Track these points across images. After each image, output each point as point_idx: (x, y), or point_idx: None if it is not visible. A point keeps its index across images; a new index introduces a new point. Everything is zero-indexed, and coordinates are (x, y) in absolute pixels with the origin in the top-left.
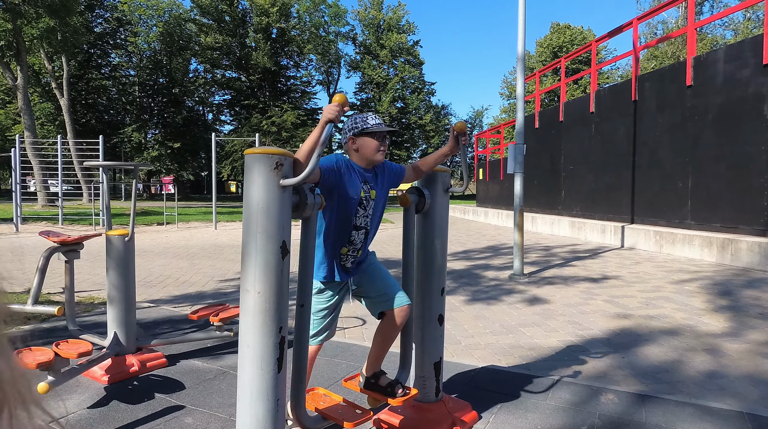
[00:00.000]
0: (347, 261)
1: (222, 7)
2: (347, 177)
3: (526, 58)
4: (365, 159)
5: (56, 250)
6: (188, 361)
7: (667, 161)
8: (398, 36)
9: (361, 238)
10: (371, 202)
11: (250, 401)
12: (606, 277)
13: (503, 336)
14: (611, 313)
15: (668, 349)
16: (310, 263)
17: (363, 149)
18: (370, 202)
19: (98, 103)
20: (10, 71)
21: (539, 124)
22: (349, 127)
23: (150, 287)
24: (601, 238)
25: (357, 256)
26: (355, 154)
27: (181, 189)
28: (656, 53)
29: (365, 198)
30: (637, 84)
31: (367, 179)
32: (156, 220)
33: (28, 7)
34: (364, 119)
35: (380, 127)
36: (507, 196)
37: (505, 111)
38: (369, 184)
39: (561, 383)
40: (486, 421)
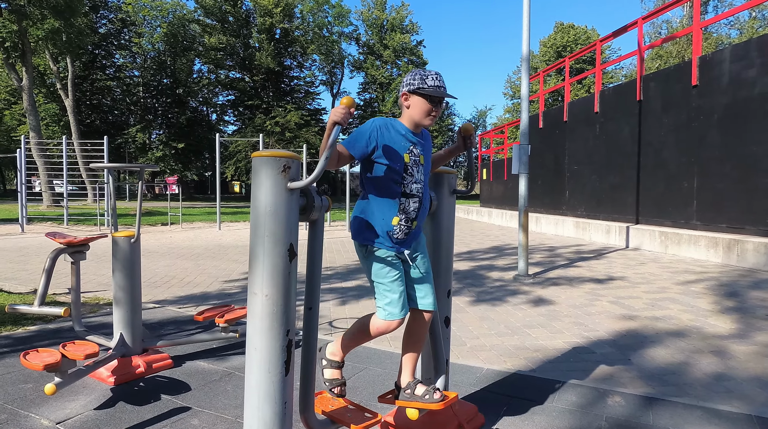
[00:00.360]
0: (400, 232)
1: (226, 8)
2: (388, 141)
3: (529, 62)
4: (413, 121)
5: (62, 252)
6: (194, 362)
7: (672, 161)
8: (401, 36)
9: (415, 206)
10: (420, 168)
11: (258, 404)
12: (611, 277)
13: (508, 337)
14: (617, 315)
15: (675, 351)
16: (318, 266)
17: (413, 109)
18: (419, 167)
19: (103, 103)
20: (15, 72)
21: (543, 124)
22: (406, 81)
23: (155, 288)
24: (605, 239)
25: (412, 227)
26: (405, 113)
27: (185, 189)
28: (661, 53)
29: (413, 162)
30: (641, 84)
31: (415, 143)
32: (160, 220)
33: (34, 9)
34: (423, 77)
35: (437, 90)
36: (511, 197)
37: (508, 111)
38: (418, 148)
39: (567, 385)
40: (492, 424)
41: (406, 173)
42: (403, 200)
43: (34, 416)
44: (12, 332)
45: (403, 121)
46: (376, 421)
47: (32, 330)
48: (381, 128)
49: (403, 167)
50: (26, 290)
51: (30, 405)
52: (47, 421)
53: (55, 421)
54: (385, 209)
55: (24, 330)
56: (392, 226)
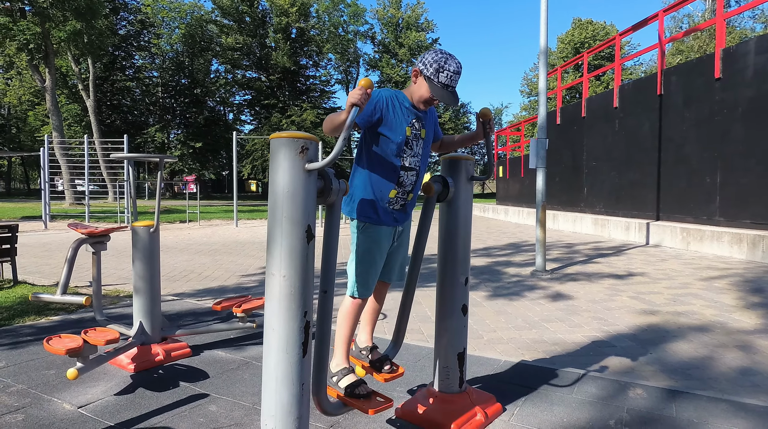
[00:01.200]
0: (396, 204)
1: (242, 8)
2: (391, 113)
3: (547, 55)
4: (412, 97)
5: (84, 242)
6: (212, 351)
7: (694, 156)
8: (417, 34)
9: (411, 179)
10: (420, 142)
11: (275, 386)
12: (631, 273)
13: (526, 331)
14: (637, 310)
15: (698, 346)
16: (334, 249)
17: (417, 90)
18: (419, 142)
19: (123, 104)
20: (39, 74)
21: (561, 121)
22: (426, 59)
23: (174, 281)
24: (625, 236)
25: (407, 199)
26: (411, 86)
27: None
28: (682, 48)
29: (414, 136)
30: (662, 78)
31: (419, 117)
32: (179, 218)
33: (56, 11)
34: (440, 69)
35: (440, 92)
36: (527, 194)
37: (525, 108)
38: (421, 122)
39: (587, 377)
40: (510, 414)
41: (406, 146)
42: (402, 173)
43: (57, 400)
44: (36, 322)
45: (407, 94)
46: (388, 405)
47: (55, 320)
48: (387, 100)
49: (404, 141)
50: (49, 283)
51: (53, 390)
52: (69, 405)
53: (77, 406)
54: (383, 181)
55: (47, 320)
56: (390, 199)
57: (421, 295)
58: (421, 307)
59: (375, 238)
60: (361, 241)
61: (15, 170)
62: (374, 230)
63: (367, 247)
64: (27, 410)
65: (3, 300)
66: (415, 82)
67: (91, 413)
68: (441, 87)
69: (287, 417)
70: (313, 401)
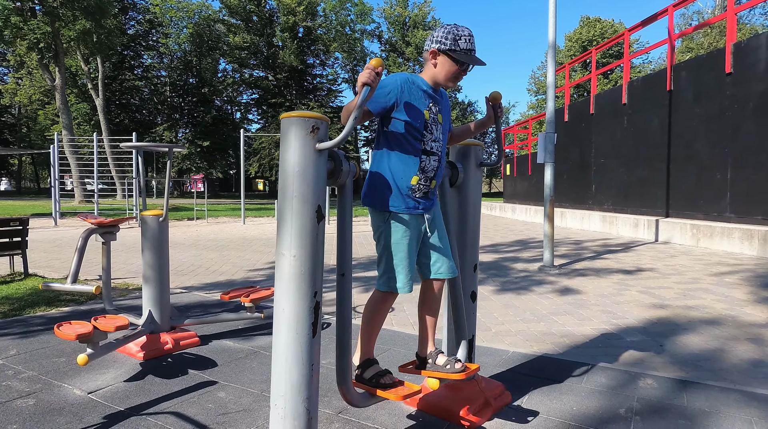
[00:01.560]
0: (419, 191)
1: (250, 7)
2: (408, 97)
3: (555, 49)
4: (435, 80)
5: (94, 232)
6: (220, 341)
7: (704, 153)
8: (424, 33)
9: (433, 165)
10: (439, 126)
11: (285, 366)
12: (640, 269)
13: (534, 324)
14: (647, 303)
15: (709, 338)
16: (348, 231)
17: (440, 69)
18: (438, 126)
19: (131, 103)
20: (49, 73)
21: (569, 118)
22: (437, 37)
23: (182, 275)
24: (633, 233)
25: (431, 186)
26: (429, 70)
27: (210, 187)
28: (691, 45)
29: (432, 120)
30: (672, 73)
31: (435, 100)
32: (186, 215)
33: (66, 10)
34: (456, 37)
35: (468, 56)
36: (535, 192)
37: (532, 107)
38: (437, 106)
39: (596, 368)
40: (519, 402)
41: (426, 130)
42: (424, 158)
43: (67, 386)
44: (46, 312)
45: (424, 77)
46: (416, 391)
47: (65, 310)
48: (403, 85)
49: (423, 124)
50: (59, 276)
51: (63, 376)
52: (79, 390)
53: (87, 391)
54: (404, 167)
55: (57, 310)
56: (412, 185)
57: None
58: None
59: (402, 227)
60: (389, 232)
61: (25, 169)
62: (400, 219)
63: (396, 238)
64: (38, 395)
65: (14, 291)
66: (435, 63)
67: (101, 398)
68: (466, 52)
69: (297, 397)
70: (339, 392)
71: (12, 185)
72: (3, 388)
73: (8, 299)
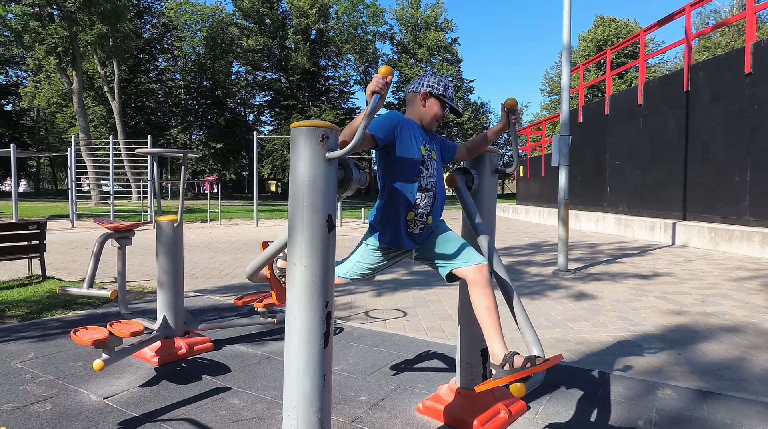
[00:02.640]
0: (415, 227)
1: (263, 10)
2: (406, 134)
3: (569, 50)
4: (422, 119)
5: (110, 236)
6: (233, 346)
7: (722, 154)
8: (436, 34)
9: (428, 201)
10: (433, 162)
11: (297, 376)
12: (657, 273)
13: (549, 330)
14: (664, 310)
15: (729, 346)
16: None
17: (428, 110)
18: (432, 162)
19: (146, 105)
20: (66, 76)
21: (583, 119)
22: (428, 83)
23: (196, 278)
24: (649, 236)
25: (427, 223)
26: (417, 110)
27: (223, 188)
28: (708, 45)
29: (428, 156)
30: (689, 74)
31: (425, 139)
32: (200, 217)
33: (83, 15)
34: (446, 86)
35: (452, 100)
36: (548, 194)
37: (545, 108)
38: (431, 144)
39: (613, 377)
40: (535, 412)
41: (422, 166)
42: (419, 195)
43: (83, 391)
44: (63, 315)
45: (411, 117)
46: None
47: (81, 314)
48: (402, 121)
49: (420, 160)
50: (76, 279)
51: (79, 381)
52: (95, 396)
53: (102, 396)
54: (401, 205)
55: (74, 314)
56: (407, 221)
57: (442, 293)
58: (442, 304)
59: (381, 257)
60: (364, 254)
61: (44, 171)
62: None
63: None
64: (55, 400)
65: (32, 294)
66: (423, 104)
67: (116, 404)
68: (449, 100)
69: (309, 407)
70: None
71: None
72: (21, 393)
73: (26, 302)
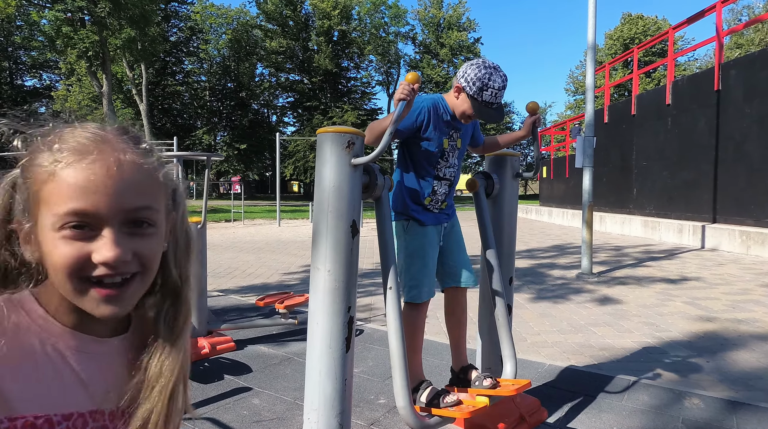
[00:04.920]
0: (433, 208)
1: (286, 12)
2: (431, 127)
3: (594, 50)
4: (454, 110)
5: None
6: (255, 346)
7: (755, 154)
8: (458, 34)
9: (445, 190)
10: (456, 152)
11: (319, 379)
12: (685, 278)
13: (572, 335)
14: (692, 316)
15: (761, 355)
16: (390, 243)
17: (459, 105)
18: (455, 152)
19: (173, 107)
20: (96, 80)
21: (609, 119)
22: (468, 76)
23: (219, 278)
24: (678, 239)
25: (442, 208)
26: (452, 99)
27: (246, 188)
28: (741, 41)
29: (451, 147)
30: (720, 72)
31: (457, 127)
32: (224, 217)
33: (113, 20)
34: (483, 88)
35: (483, 110)
36: (572, 195)
37: (570, 107)
38: (458, 133)
39: (638, 384)
40: (556, 419)
41: (442, 158)
42: (435, 183)
43: None
44: None
45: (448, 101)
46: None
47: None
48: (429, 110)
49: (440, 152)
50: None
51: None
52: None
53: None
54: (417, 189)
55: None
56: (425, 204)
57: None
58: None
59: (421, 234)
60: (407, 241)
61: None
62: (418, 227)
63: (414, 245)
64: None
65: None
66: (457, 97)
67: None
68: (485, 106)
69: (330, 411)
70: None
71: None
72: None
73: None
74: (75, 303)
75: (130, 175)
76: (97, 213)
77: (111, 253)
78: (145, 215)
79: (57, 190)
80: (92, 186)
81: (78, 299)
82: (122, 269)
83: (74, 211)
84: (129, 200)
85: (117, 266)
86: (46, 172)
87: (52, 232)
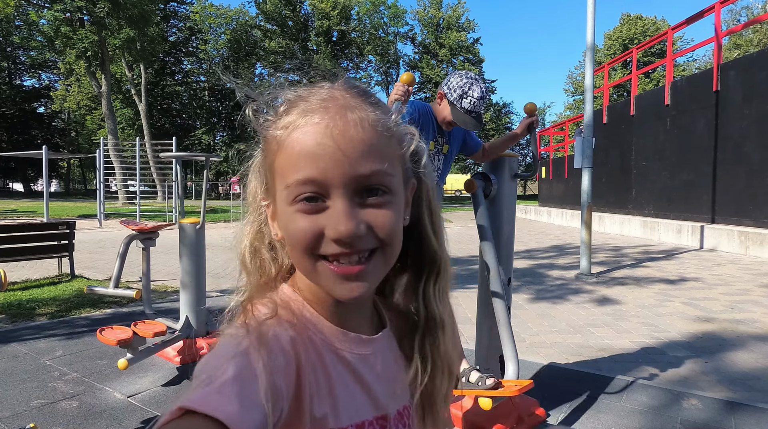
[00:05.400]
0: None
1: (285, 13)
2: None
3: (593, 51)
4: (438, 119)
5: (135, 238)
6: None
7: (754, 155)
8: (458, 34)
9: None
10: (441, 157)
11: None
12: (684, 278)
13: (570, 335)
14: (691, 316)
15: (760, 356)
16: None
17: (442, 112)
18: (440, 157)
19: (172, 107)
20: (95, 80)
21: (608, 119)
22: (451, 83)
23: (219, 278)
24: (676, 239)
25: None
26: (435, 105)
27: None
28: (740, 42)
29: (436, 151)
30: (719, 73)
31: (442, 133)
32: (223, 217)
33: (112, 20)
34: (463, 95)
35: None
36: (571, 196)
37: (569, 108)
38: (444, 138)
39: (636, 385)
40: (554, 420)
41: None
42: None
43: (108, 389)
44: (90, 314)
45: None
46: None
47: (107, 312)
48: (420, 113)
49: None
50: (103, 277)
51: (105, 379)
52: (119, 394)
53: (127, 395)
54: None
55: (100, 312)
56: None
57: (461, 297)
58: (461, 308)
59: None
60: None
61: (74, 171)
62: None
63: None
64: (81, 397)
65: (61, 292)
66: (439, 103)
67: (139, 402)
68: (463, 112)
69: None
70: None
71: (61, 187)
72: (50, 390)
73: (56, 300)
74: (312, 282)
75: (361, 135)
76: (326, 181)
77: (344, 227)
78: (380, 181)
79: (286, 159)
80: (319, 150)
81: (316, 278)
82: (358, 246)
83: (302, 180)
84: (361, 164)
85: (352, 243)
86: (275, 141)
87: (287, 207)
